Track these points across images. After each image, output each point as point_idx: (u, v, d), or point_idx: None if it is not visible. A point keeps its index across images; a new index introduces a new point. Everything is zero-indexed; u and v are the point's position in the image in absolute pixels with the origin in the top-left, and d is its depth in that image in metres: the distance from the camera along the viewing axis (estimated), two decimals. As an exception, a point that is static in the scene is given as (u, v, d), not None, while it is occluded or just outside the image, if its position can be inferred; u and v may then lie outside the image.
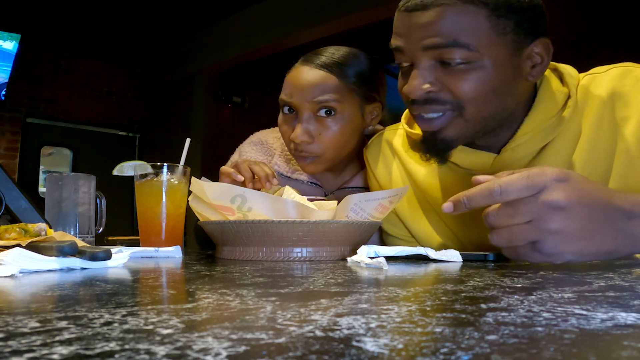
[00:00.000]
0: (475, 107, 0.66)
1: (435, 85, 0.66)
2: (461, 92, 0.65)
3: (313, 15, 3.40)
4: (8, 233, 0.58)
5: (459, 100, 0.66)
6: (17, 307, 0.28)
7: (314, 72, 0.90)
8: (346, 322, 0.22)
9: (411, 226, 0.87)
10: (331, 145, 0.90)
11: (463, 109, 0.66)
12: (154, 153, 4.78)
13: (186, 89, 4.58)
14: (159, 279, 0.45)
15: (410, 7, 0.65)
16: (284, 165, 1.03)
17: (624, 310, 0.25)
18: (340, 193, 1.00)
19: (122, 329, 0.20)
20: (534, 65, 0.67)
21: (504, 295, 0.31)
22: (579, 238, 0.47)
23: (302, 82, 0.89)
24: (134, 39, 4.36)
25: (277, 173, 1.02)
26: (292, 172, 1.02)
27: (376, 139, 0.93)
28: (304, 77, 0.90)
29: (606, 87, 0.72)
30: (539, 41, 0.66)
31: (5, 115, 4.24)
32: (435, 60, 0.66)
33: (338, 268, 0.52)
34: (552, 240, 0.47)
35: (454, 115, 0.67)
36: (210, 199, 0.66)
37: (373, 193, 0.69)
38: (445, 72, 0.65)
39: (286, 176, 1.02)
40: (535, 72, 0.67)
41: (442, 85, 0.66)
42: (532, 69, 0.67)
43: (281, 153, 1.06)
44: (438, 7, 0.63)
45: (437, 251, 0.63)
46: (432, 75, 0.66)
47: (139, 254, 0.72)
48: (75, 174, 0.92)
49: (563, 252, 0.48)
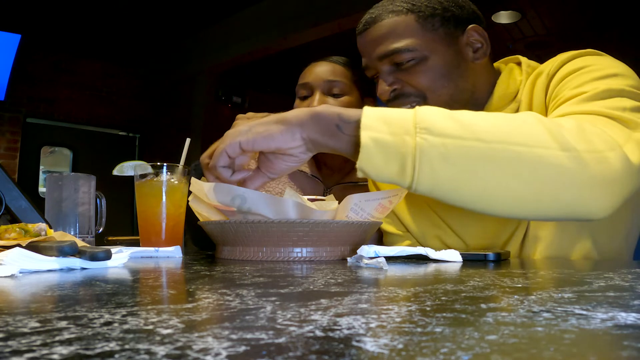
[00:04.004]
0: (434, 93, 0.78)
1: (397, 84, 0.80)
2: (417, 83, 0.78)
3: (313, 15, 3.40)
4: (8, 233, 0.58)
5: (419, 91, 0.78)
6: (17, 307, 0.28)
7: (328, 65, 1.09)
8: (346, 322, 0.22)
9: (404, 219, 0.90)
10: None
11: (425, 97, 0.78)
12: (154, 153, 4.77)
13: (186, 89, 4.57)
14: (159, 279, 0.45)
15: (360, 30, 0.82)
16: None
17: (624, 310, 0.25)
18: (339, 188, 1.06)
19: (122, 329, 0.20)
20: (476, 50, 0.80)
21: (504, 295, 0.31)
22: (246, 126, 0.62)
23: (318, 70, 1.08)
24: (135, 39, 4.36)
25: None
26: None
27: None
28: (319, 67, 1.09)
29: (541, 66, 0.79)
30: (470, 29, 0.79)
31: (5, 115, 4.24)
32: (391, 64, 0.79)
33: (338, 268, 0.52)
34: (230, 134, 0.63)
35: (421, 103, 0.78)
36: (210, 199, 0.66)
37: (373, 193, 0.69)
38: (401, 72, 0.79)
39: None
40: (478, 55, 0.80)
41: (402, 83, 0.79)
42: (475, 53, 0.80)
43: None
44: (377, 23, 0.79)
45: (437, 251, 0.63)
46: (392, 77, 0.80)
47: (139, 254, 0.72)
48: (75, 174, 0.92)
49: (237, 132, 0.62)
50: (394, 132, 0.55)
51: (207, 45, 4.27)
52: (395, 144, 0.55)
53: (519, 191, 0.55)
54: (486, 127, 0.55)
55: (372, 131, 0.56)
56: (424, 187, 0.56)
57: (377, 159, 0.56)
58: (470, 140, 0.54)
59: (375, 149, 0.56)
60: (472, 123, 0.55)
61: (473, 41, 0.79)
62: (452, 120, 0.56)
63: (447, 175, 0.55)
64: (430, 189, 0.56)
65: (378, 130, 0.56)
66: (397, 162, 0.55)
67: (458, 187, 0.56)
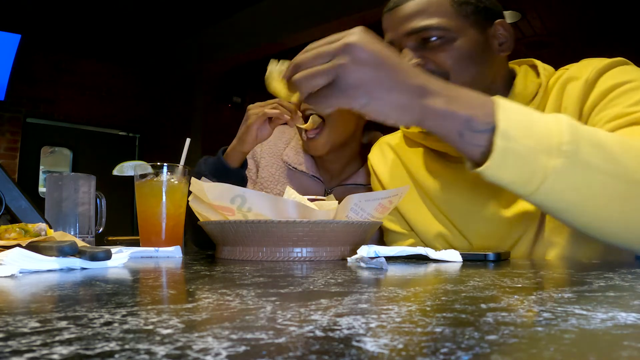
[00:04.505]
0: (457, 73, 0.78)
1: (421, 60, 0.79)
2: (442, 62, 0.78)
3: (313, 15, 3.40)
4: (8, 233, 0.58)
5: (443, 70, 0.78)
6: (17, 307, 0.28)
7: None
8: (346, 322, 0.22)
9: (410, 219, 0.90)
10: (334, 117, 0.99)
11: (448, 76, 0.77)
12: (154, 153, 4.77)
13: (186, 88, 4.57)
14: (159, 279, 0.45)
15: (391, 7, 0.82)
16: (293, 156, 1.09)
17: (624, 310, 0.25)
18: (340, 189, 1.05)
19: (122, 329, 0.20)
20: (501, 43, 0.81)
21: (504, 295, 0.31)
22: (373, 79, 0.53)
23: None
24: (134, 39, 4.36)
25: (286, 164, 1.09)
26: (298, 164, 1.08)
27: (377, 144, 1.01)
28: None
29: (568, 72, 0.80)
30: (498, 23, 0.80)
31: (5, 115, 4.24)
32: (418, 41, 0.79)
33: (338, 268, 0.52)
34: (348, 74, 0.52)
35: None
36: (210, 199, 0.66)
37: (373, 193, 0.69)
38: (427, 50, 0.79)
39: (293, 167, 1.08)
40: (503, 48, 0.81)
41: (427, 60, 0.79)
42: (500, 46, 0.81)
43: (295, 144, 1.12)
44: (410, 0, 0.79)
45: (437, 250, 0.63)
46: (417, 53, 0.79)
47: (139, 254, 0.72)
48: (75, 174, 0.92)
49: (357, 85, 0.52)
50: (533, 147, 0.52)
51: (207, 45, 4.27)
52: (530, 160, 0.52)
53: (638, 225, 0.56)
54: (631, 164, 0.54)
55: (510, 142, 0.52)
56: (539, 201, 0.55)
57: (504, 168, 0.53)
58: (611, 176, 0.53)
59: (506, 159, 0.53)
60: (617, 153, 0.54)
61: (500, 35, 0.81)
62: (598, 147, 0.53)
63: (570, 199, 0.54)
64: (544, 205, 0.56)
65: (516, 141, 0.52)
66: (525, 176, 0.53)
67: (576, 212, 0.56)
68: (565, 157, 0.52)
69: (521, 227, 0.78)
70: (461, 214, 0.83)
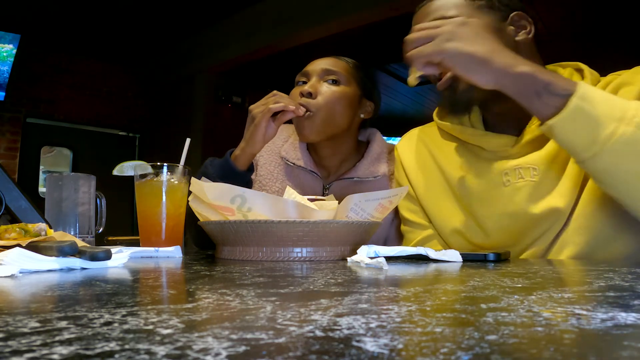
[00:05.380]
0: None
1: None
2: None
3: (313, 15, 3.40)
4: (8, 233, 0.58)
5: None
6: (17, 307, 0.28)
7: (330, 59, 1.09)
8: (346, 322, 0.22)
9: (430, 211, 0.91)
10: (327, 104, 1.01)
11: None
12: (154, 153, 4.77)
13: (186, 89, 4.57)
14: (159, 279, 0.45)
15: (418, 7, 0.89)
16: (291, 152, 1.11)
17: (624, 310, 0.25)
18: (338, 183, 1.07)
19: (122, 329, 0.20)
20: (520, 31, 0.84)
21: (504, 295, 0.31)
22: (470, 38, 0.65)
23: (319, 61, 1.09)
24: (134, 39, 4.36)
25: (284, 159, 1.10)
26: (297, 159, 1.09)
27: (407, 135, 1.04)
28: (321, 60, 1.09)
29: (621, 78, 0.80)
30: (514, 15, 0.83)
31: (5, 115, 4.24)
32: None
33: (338, 268, 0.52)
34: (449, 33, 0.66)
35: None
36: (210, 199, 0.66)
37: (373, 193, 0.69)
38: None
39: (291, 163, 1.09)
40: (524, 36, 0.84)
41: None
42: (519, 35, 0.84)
43: (294, 140, 1.13)
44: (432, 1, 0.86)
45: (438, 251, 0.63)
46: None
47: (139, 254, 0.72)
48: (75, 174, 0.92)
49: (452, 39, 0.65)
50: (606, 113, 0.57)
51: (207, 45, 4.27)
52: (600, 122, 0.57)
53: None
54: None
55: (585, 102, 0.58)
56: (597, 165, 0.59)
57: (574, 125, 0.58)
58: None
59: (578, 117, 0.57)
60: None
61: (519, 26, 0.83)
62: None
63: (630, 169, 0.58)
64: (601, 170, 0.59)
65: (592, 104, 0.58)
66: (592, 137, 0.58)
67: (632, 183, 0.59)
68: (637, 127, 0.56)
69: (546, 224, 0.77)
70: (485, 207, 0.84)
